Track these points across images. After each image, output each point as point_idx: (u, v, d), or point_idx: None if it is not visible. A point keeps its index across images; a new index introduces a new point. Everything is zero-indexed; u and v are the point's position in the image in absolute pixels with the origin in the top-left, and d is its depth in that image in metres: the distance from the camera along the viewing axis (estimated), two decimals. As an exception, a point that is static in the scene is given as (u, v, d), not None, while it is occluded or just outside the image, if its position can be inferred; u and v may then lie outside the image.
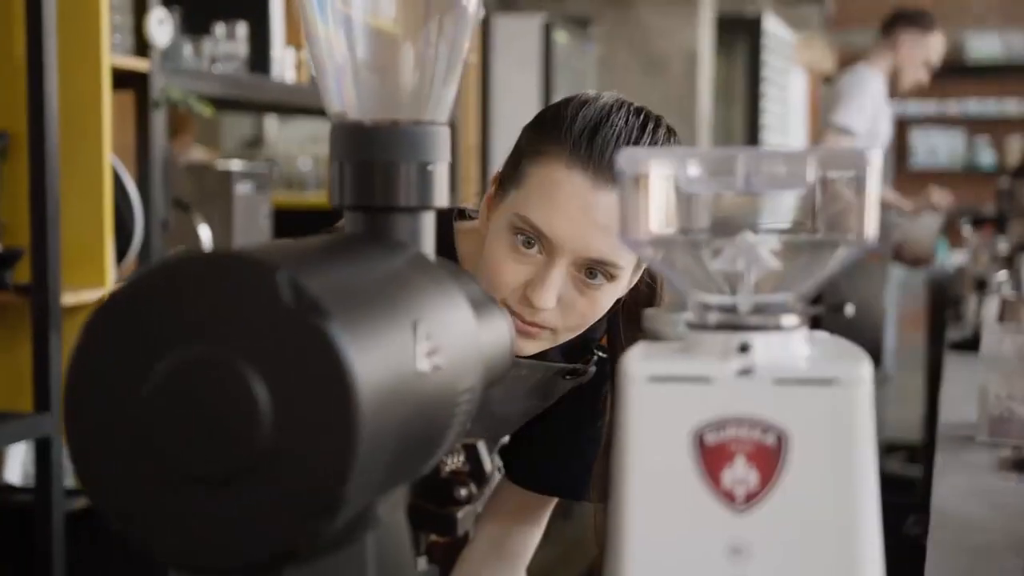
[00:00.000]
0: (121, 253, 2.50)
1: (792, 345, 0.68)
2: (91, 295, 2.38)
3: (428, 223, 0.77)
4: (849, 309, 0.70)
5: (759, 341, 0.67)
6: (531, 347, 1.28)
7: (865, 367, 0.66)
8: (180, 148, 4.09)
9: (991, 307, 2.89)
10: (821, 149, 0.67)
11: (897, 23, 4.52)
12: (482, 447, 0.81)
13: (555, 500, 1.52)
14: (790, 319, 0.68)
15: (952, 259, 6.71)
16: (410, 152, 0.76)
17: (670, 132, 1.29)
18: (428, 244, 0.77)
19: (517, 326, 1.24)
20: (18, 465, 2.59)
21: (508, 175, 1.27)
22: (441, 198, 0.77)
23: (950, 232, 8.85)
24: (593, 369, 1.41)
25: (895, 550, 0.77)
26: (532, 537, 1.54)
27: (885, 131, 4.48)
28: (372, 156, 0.75)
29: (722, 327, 0.68)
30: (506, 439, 1.49)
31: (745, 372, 0.66)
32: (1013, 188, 4.10)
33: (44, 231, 2.25)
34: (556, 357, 1.38)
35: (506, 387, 1.34)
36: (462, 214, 1.41)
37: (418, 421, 0.66)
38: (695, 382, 0.66)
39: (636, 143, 1.23)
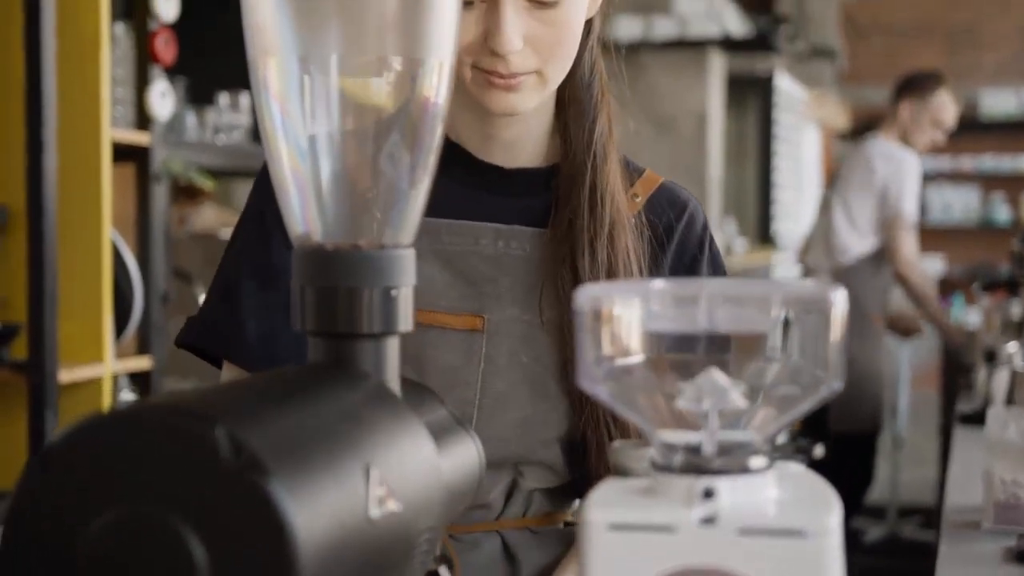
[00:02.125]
0: (120, 328, 2.49)
1: (759, 489, 0.65)
2: (89, 372, 2.36)
3: (392, 349, 0.75)
4: (818, 451, 0.67)
5: (724, 485, 0.64)
6: (524, 100, 1.17)
7: (834, 516, 0.63)
8: (192, 209, 4.09)
9: (1001, 380, 2.86)
10: (785, 288, 0.65)
11: (899, 90, 4.53)
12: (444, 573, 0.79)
13: None
14: (757, 461, 0.66)
15: (967, 317, 6.66)
16: (373, 277, 0.74)
17: None
18: (392, 371, 0.75)
19: (500, 84, 1.15)
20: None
21: None
22: (406, 323, 0.75)
23: (965, 290, 8.81)
24: None
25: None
26: None
27: None
28: (334, 281, 0.73)
29: (687, 470, 0.65)
30: None
31: (709, 521, 0.63)
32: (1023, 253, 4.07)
33: (41, 307, 2.24)
34: None
35: None
36: None
37: (369, 570, 0.64)
38: (657, 531, 0.63)
39: None
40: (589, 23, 1.24)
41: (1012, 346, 3.03)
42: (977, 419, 2.83)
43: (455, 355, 1.19)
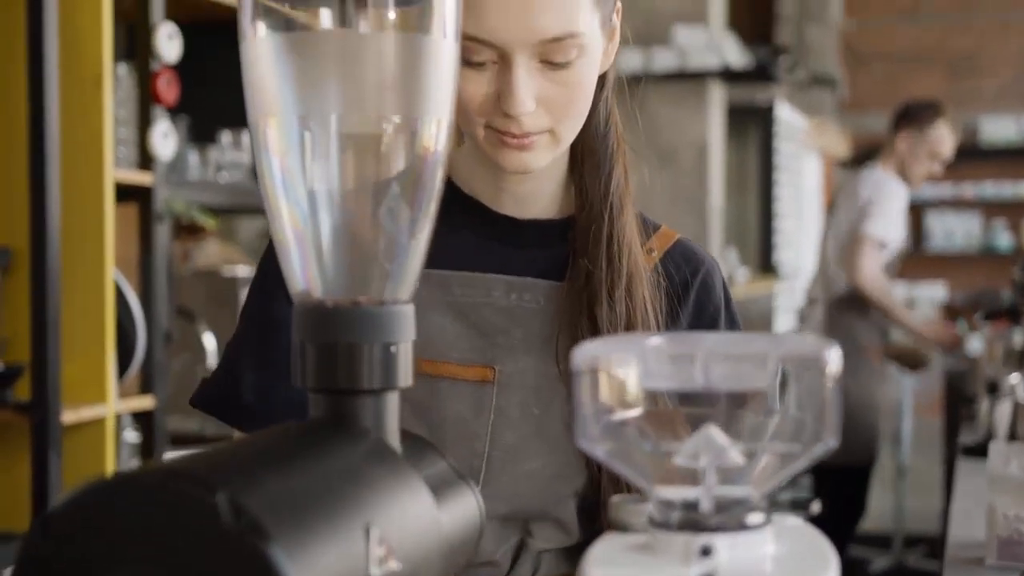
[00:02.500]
0: (123, 367, 2.49)
1: (757, 545, 0.66)
2: (92, 412, 2.37)
3: (392, 404, 0.76)
4: (815, 507, 0.67)
5: (722, 542, 0.65)
6: (537, 158, 1.16)
7: (831, 572, 0.64)
8: (195, 244, 4.11)
9: (1003, 412, 2.86)
10: (780, 347, 0.65)
11: (897, 121, 4.55)
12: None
13: None
14: (755, 517, 0.66)
15: (971, 344, 6.65)
16: (373, 333, 0.75)
17: None
18: (392, 426, 0.76)
19: (512, 143, 1.14)
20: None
21: None
22: (406, 378, 0.76)
23: (968, 317, 8.80)
24: None
25: None
26: None
27: (902, 233, 4.51)
28: (334, 338, 0.74)
29: (684, 527, 0.66)
30: None
31: (707, 579, 0.64)
32: (1024, 283, 4.07)
33: (45, 348, 2.25)
34: None
35: None
36: None
37: (371, 629, 0.64)
38: (655, 589, 0.64)
39: None
40: (604, 76, 1.23)
41: (1014, 377, 3.02)
42: (980, 451, 2.83)
43: (465, 406, 1.19)
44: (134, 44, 2.66)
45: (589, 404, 0.67)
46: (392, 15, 0.81)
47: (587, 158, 1.25)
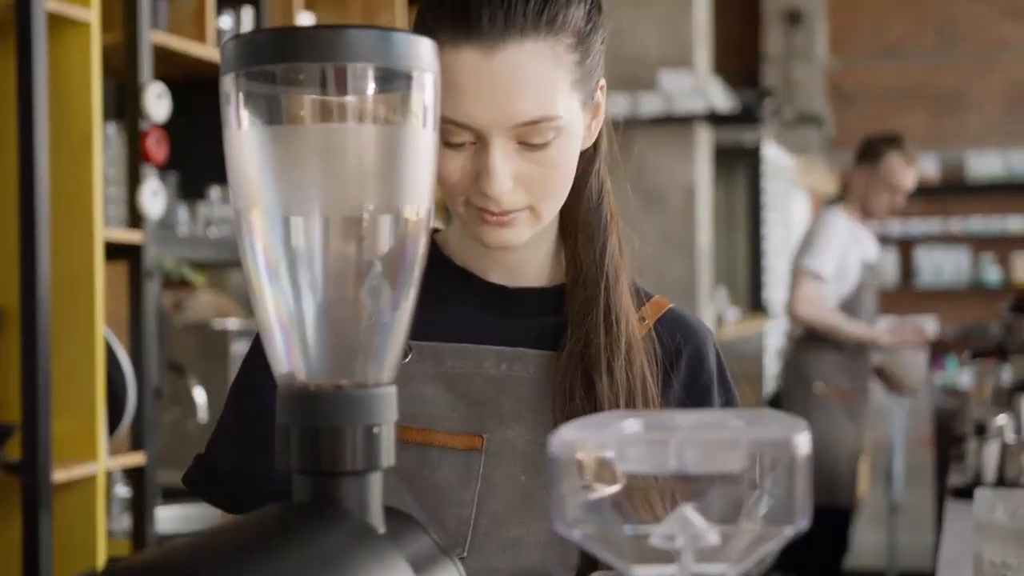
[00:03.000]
0: (114, 425, 2.50)
1: (732, 624, 0.67)
2: (83, 470, 2.37)
3: (375, 484, 0.77)
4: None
5: (699, 621, 0.67)
6: (518, 234, 1.17)
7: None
8: (188, 295, 4.12)
9: (991, 454, 2.87)
10: (751, 433, 0.67)
11: (856, 158, 4.56)
12: None
13: None
14: (730, 597, 0.68)
15: (960, 378, 6.67)
16: (356, 416, 0.76)
17: None
18: (375, 506, 0.77)
19: (492, 221, 1.15)
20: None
21: None
22: (388, 458, 0.78)
23: (958, 352, 8.81)
24: None
25: None
26: None
27: (856, 267, 4.46)
28: (318, 421, 0.76)
29: (661, 607, 0.67)
30: None
31: (682, 659, 0.65)
32: (1012, 322, 4.09)
33: (35, 408, 2.26)
34: None
35: None
36: None
37: None
38: (632, 670, 0.65)
39: None
40: (596, 147, 1.25)
41: (1001, 418, 3.04)
42: (968, 493, 2.83)
43: (453, 474, 1.20)
44: (123, 104, 2.69)
45: (565, 487, 0.69)
46: (372, 105, 0.84)
47: (581, 230, 1.25)
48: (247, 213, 0.77)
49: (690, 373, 1.27)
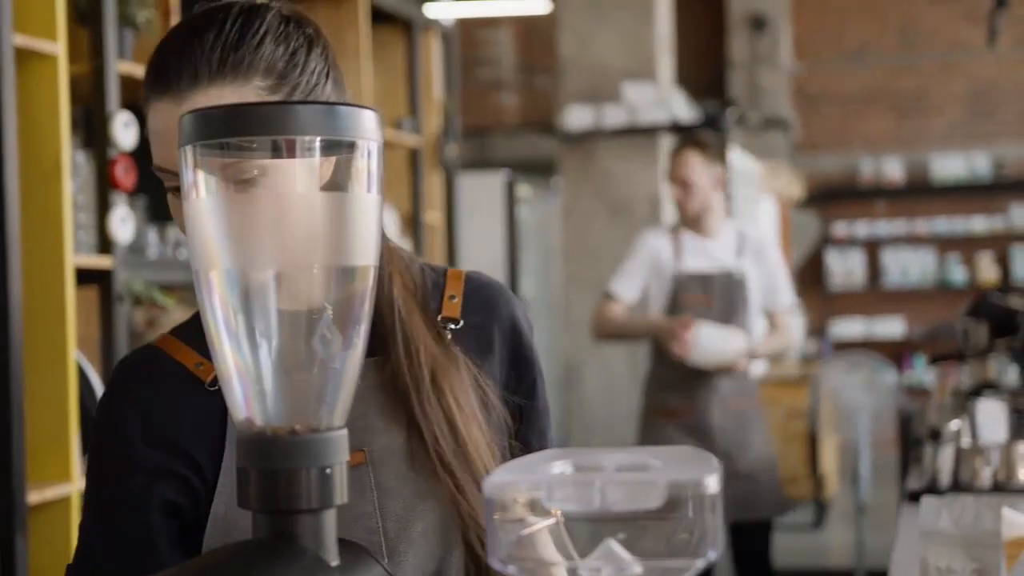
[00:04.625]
0: (87, 446, 2.55)
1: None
2: (56, 492, 2.43)
3: (330, 521, 0.84)
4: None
5: (622, 646, 0.73)
6: None
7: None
8: (161, 312, 4.16)
9: (946, 458, 2.94)
10: (667, 475, 0.74)
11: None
12: None
13: None
14: (651, 622, 0.75)
15: (925, 377, 6.77)
16: (310, 458, 0.83)
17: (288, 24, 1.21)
18: (329, 540, 0.84)
19: None
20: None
21: None
22: (341, 496, 0.84)
23: (926, 351, 8.91)
24: None
25: None
26: None
27: (667, 283, 4.20)
28: (275, 464, 0.82)
29: (588, 633, 0.74)
30: None
31: None
32: (969, 327, 4.16)
33: (9, 431, 2.31)
34: None
35: None
36: None
37: None
38: None
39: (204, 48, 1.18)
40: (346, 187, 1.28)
41: (955, 423, 3.10)
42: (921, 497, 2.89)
43: (350, 492, 1.26)
44: (92, 133, 2.74)
45: (499, 529, 0.75)
46: (319, 172, 0.91)
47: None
48: (206, 273, 0.83)
49: (510, 344, 1.34)
